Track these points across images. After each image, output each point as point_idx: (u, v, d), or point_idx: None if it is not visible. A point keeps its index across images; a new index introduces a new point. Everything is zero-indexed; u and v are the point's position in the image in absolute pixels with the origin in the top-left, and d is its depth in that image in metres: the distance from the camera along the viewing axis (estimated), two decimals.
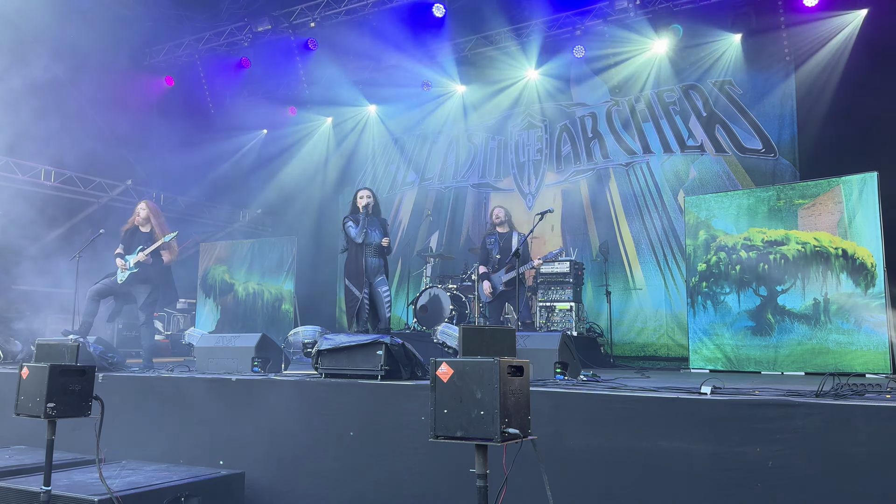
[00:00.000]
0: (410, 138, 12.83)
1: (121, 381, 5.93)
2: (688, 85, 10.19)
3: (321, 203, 13.25)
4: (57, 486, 4.08)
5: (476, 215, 11.78)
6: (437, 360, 2.74)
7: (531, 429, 2.76)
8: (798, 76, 9.34)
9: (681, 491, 3.67)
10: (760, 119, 9.60)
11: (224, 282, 11.79)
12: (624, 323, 9.96)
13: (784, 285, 7.07)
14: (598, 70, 10.85)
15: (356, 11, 10.70)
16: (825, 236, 6.90)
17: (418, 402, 4.45)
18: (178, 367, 6.47)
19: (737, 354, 7.25)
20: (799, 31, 9.16)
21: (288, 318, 10.97)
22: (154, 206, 7.18)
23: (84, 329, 6.68)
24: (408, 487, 4.44)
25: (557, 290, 9.11)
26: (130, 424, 5.59)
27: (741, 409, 3.63)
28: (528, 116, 11.58)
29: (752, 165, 9.57)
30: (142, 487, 4.26)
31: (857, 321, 6.62)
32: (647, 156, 10.44)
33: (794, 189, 7.30)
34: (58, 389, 3.76)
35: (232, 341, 6.27)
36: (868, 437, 3.32)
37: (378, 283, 6.92)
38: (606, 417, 3.97)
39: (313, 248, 12.54)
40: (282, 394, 5.17)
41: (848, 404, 3.45)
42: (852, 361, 6.56)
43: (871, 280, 6.60)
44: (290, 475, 4.92)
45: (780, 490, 3.43)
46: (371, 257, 6.87)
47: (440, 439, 2.69)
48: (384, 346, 5.02)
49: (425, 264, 10.50)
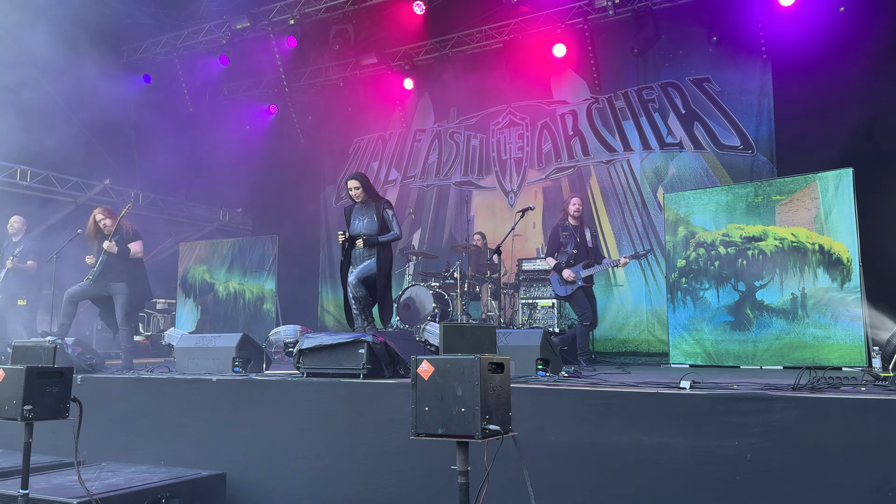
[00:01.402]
0: (392, 136, 12.81)
1: (100, 383, 5.88)
2: (667, 82, 10.26)
3: (303, 202, 13.19)
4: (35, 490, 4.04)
5: (458, 213, 11.78)
6: (418, 357, 2.75)
7: (512, 425, 2.78)
8: (775, 73, 9.44)
9: (661, 484, 3.70)
10: (738, 116, 9.69)
11: (204, 281, 11.70)
12: (605, 319, 10.01)
13: (762, 280, 7.16)
14: (578, 68, 10.90)
15: (336, 9, 10.66)
16: (802, 232, 7.00)
17: (400, 400, 4.45)
18: (158, 367, 6.43)
19: (716, 349, 7.32)
20: (776, 27, 9.25)
21: (270, 317, 10.91)
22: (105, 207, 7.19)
23: (62, 331, 6.61)
24: (390, 485, 4.44)
25: (539, 287, 9.16)
26: (110, 426, 5.54)
27: (720, 403, 3.68)
28: (509, 114, 11.61)
29: (730, 162, 9.66)
30: (122, 489, 4.23)
31: (833, 315, 6.72)
32: (627, 153, 10.50)
33: (771, 185, 7.38)
34: (35, 392, 3.72)
35: (212, 341, 6.22)
36: (844, 430, 3.37)
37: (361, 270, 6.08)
38: (587, 413, 4.00)
39: (295, 247, 12.48)
40: (263, 394, 5.16)
41: (824, 397, 3.51)
42: (829, 355, 6.66)
43: (847, 275, 6.70)
44: (272, 475, 4.91)
45: (758, 482, 3.48)
46: (358, 249, 6.15)
47: (421, 437, 2.70)
48: (366, 345, 5.02)
49: (407, 262, 10.49)
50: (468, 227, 10.57)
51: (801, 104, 8.93)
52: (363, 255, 6.11)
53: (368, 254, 6.09)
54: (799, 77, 9.01)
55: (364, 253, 6.10)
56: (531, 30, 10.67)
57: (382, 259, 6.09)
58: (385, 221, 6.12)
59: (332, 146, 13.34)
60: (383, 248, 6.12)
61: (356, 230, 6.15)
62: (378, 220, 6.09)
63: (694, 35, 9.93)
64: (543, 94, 11.31)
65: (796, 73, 9.05)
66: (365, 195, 6.18)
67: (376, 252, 6.07)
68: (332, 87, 12.55)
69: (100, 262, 6.73)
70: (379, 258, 6.07)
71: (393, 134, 12.82)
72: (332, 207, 13.10)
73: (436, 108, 12.39)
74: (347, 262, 6.21)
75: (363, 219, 6.15)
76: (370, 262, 6.06)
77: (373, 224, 6.09)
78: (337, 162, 13.21)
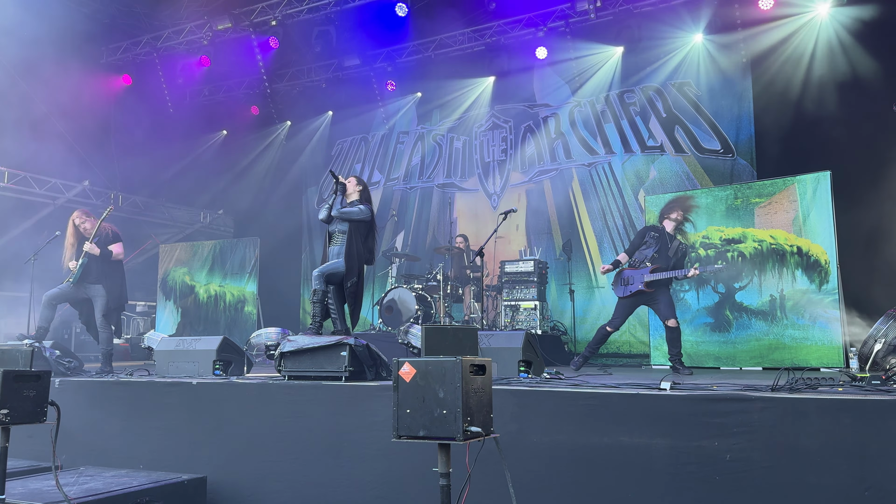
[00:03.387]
0: (375, 138, 12.80)
1: (78, 386, 5.81)
2: (648, 86, 10.34)
3: (284, 204, 13.13)
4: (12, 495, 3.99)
5: (441, 215, 11.79)
6: (400, 360, 2.75)
7: (494, 427, 2.78)
8: (755, 78, 9.55)
9: (642, 485, 3.73)
10: (718, 120, 9.79)
11: (185, 284, 11.60)
12: (587, 321, 10.06)
13: (741, 282, 7.23)
14: (560, 71, 10.96)
15: (318, 10, 10.63)
16: (781, 234, 7.08)
17: (382, 402, 4.44)
18: (138, 370, 6.36)
19: (696, 350, 7.38)
20: (755, 32, 9.36)
21: (251, 320, 10.84)
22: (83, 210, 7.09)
23: (40, 334, 6.53)
24: (372, 488, 4.43)
25: (522, 289, 9.18)
26: (89, 430, 5.48)
27: (699, 404, 3.71)
28: (492, 117, 11.65)
29: (710, 165, 9.75)
30: (100, 494, 4.18)
31: (811, 317, 6.80)
32: (608, 156, 10.57)
33: (750, 188, 7.47)
34: (12, 395, 3.67)
35: (193, 344, 6.17)
36: (821, 430, 3.41)
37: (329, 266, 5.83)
38: (569, 414, 4.01)
39: (277, 249, 12.41)
40: (244, 397, 5.12)
41: (802, 398, 3.55)
42: (807, 356, 6.74)
43: (824, 277, 6.79)
44: (253, 479, 4.88)
45: (737, 482, 3.51)
46: (334, 246, 5.91)
47: (403, 439, 2.70)
48: (348, 348, 5.00)
49: (390, 265, 10.47)
50: (451, 229, 10.59)
51: (781, 107, 9.04)
52: (334, 254, 5.87)
53: (338, 252, 5.85)
54: (778, 81, 9.12)
55: (335, 251, 5.86)
56: (513, 32, 10.71)
57: (349, 255, 5.82)
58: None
59: (314, 148, 13.29)
60: (351, 249, 5.84)
61: (334, 227, 5.89)
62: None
63: (675, 38, 10.01)
64: (526, 96, 11.35)
65: (776, 76, 9.17)
66: (357, 194, 5.98)
67: (345, 252, 5.84)
68: (314, 88, 12.50)
69: (80, 265, 6.66)
70: (347, 257, 5.82)
71: (375, 136, 12.81)
72: (314, 209, 13.05)
73: (419, 110, 12.40)
74: (323, 253, 5.97)
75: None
76: (339, 261, 5.83)
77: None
78: (319, 163, 13.16)
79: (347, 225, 5.85)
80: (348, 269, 5.79)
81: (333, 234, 5.93)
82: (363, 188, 6.09)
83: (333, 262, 5.82)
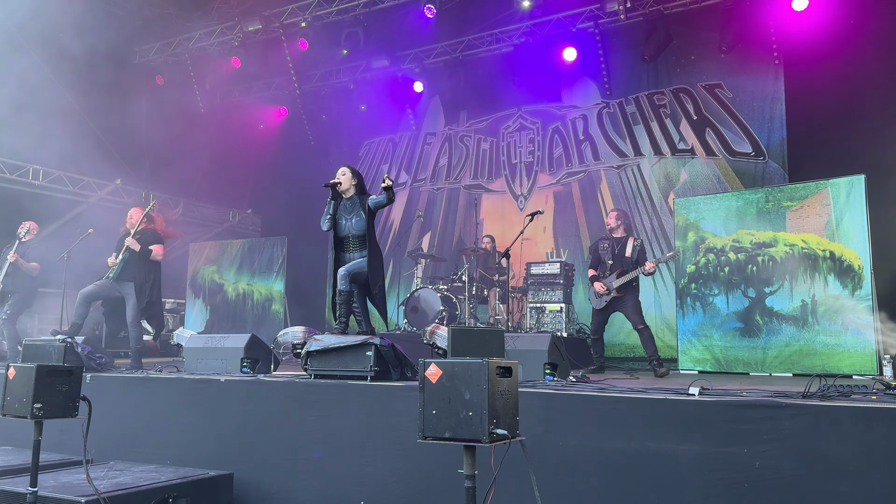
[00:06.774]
0: (402, 138, 12.83)
1: (109, 382, 5.91)
2: (678, 88, 10.23)
3: (312, 204, 13.19)
4: (44, 488, 4.06)
5: (467, 217, 11.77)
6: (426, 360, 2.75)
7: (519, 429, 2.77)
8: (787, 80, 9.40)
9: (668, 491, 3.68)
10: (750, 122, 9.65)
11: (213, 282, 11.74)
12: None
13: (772, 287, 7.11)
14: (589, 72, 10.89)
15: (347, 11, 10.69)
16: (813, 238, 6.95)
17: (407, 402, 4.45)
18: (167, 367, 6.45)
19: (725, 356, 7.28)
20: (788, 34, 9.21)
21: (278, 318, 10.93)
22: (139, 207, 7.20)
23: (73, 330, 6.64)
24: (397, 488, 4.44)
25: (548, 291, 9.13)
26: (118, 425, 5.57)
27: (729, 410, 3.66)
28: (519, 118, 11.61)
29: (741, 169, 9.62)
30: (129, 488, 4.24)
31: (844, 323, 6.66)
32: (637, 158, 10.48)
33: (782, 191, 7.34)
34: (45, 390, 3.74)
35: (221, 342, 6.24)
36: (854, 438, 3.35)
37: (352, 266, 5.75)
38: (595, 418, 3.98)
39: (304, 248, 12.49)
40: (271, 395, 5.16)
41: (834, 405, 3.48)
42: (839, 363, 6.61)
43: (858, 282, 6.65)
44: (279, 476, 4.91)
45: (767, 490, 3.46)
46: (350, 252, 5.86)
47: (428, 440, 2.70)
48: (374, 348, 5.02)
49: (416, 265, 10.49)
50: (477, 230, 10.57)
51: (814, 110, 8.88)
52: (355, 255, 5.84)
53: (360, 254, 5.82)
54: (811, 83, 8.96)
55: (355, 254, 5.82)
56: (542, 34, 10.66)
57: (373, 257, 5.80)
58: (371, 212, 5.83)
59: (342, 148, 13.36)
60: (373, 248, 5.83)
61: (346, 231, 5.85)
62: (366, 216, 5.79)
63: (706, 40, 9.89)
64: (554, 98, 11.30)
65: (809, 78, 9.01)
66: (353, 189, 5.93)
67: (367, 251, 5.80)
68: (342, 89, 12.58)
69: (121, 260, 6.75)
70: (371, 257, 5.79)
71: (403, 137, 12.84)
72: None
73: (446, 111, 12.41)
74: (336, 260, 5.89)
75: (351, 218, 5.83)
76: (361, 261, 5.79)
77: (361, 222, 5.80)
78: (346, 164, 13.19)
79: (364, 227, 5.79)
80: (373, 272, 5.74)
81: (346, 239, 5.85)
82: (359, 181, 6.02)
83: (357, 262, 5.80)
